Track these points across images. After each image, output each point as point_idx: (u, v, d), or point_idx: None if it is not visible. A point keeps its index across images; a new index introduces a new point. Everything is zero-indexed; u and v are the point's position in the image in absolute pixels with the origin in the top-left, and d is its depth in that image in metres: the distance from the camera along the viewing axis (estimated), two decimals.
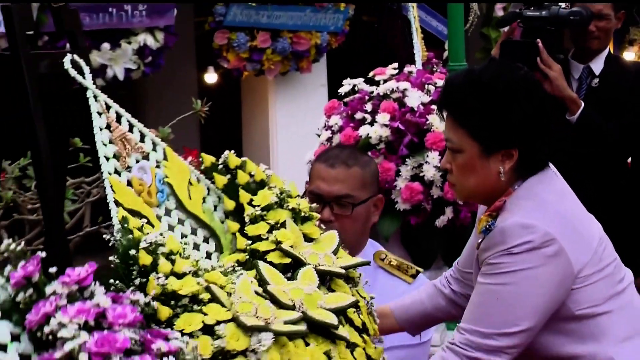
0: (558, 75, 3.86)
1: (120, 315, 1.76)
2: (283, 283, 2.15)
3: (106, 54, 5.40)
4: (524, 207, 2.33)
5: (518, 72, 2.45)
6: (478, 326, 2.30)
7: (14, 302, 1.83)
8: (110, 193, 2.17)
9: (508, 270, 2.28)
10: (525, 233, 2.27)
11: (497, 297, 2.30)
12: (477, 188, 2.39)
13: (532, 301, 2.31)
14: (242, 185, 2.40)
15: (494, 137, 2.31)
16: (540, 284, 2.30)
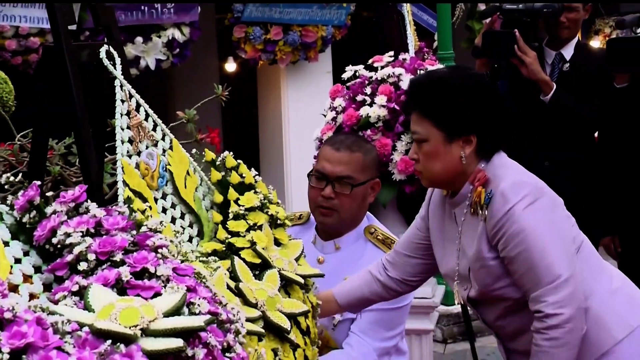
0: (533, 61, 3.86)
1: (114, 222, 1.80)
2: (251, 281, 2.17)
3: (139, 46, 5.40)
4: (507, 173, 2.37)
5: (472, 73, 2.56)
6: (538, 290, 2.28)
7: (20, 223, 1.85)
8: (120, 173, 2.17)
9: (527, 226, 2.28)
10: (520, 188, 2.31)
11: (543, 247, 2.29)
12: (441, 172, 2.40)
13: (560, 244, 2.31)
14: (233, 184, 2.41)
15: (454, 125, 2.36)
16: (556, 231, 2.32)
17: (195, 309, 1.60)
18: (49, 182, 3.41)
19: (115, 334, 1.47)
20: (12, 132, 3.61)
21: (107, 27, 2.61)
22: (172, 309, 1.58)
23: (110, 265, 1.70)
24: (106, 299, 1.57)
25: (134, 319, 1.50)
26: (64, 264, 1.74)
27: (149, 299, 1.61)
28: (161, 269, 1.69)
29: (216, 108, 6.07)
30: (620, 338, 2.37)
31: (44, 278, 1.77)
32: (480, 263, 2.38)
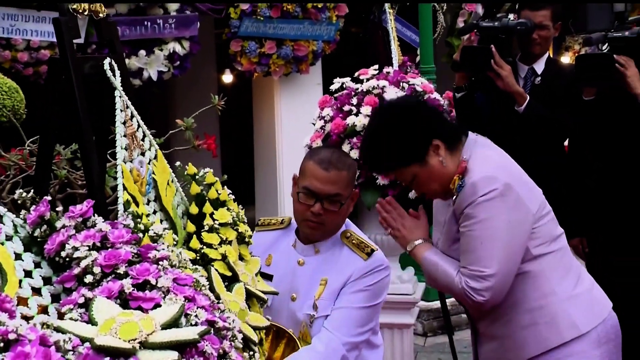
0: (508, 74, 3.87)
1: (119, 236, 1.80)
2: (224, 292, 2.18)
3: (142, 59, 5.38)
4: (482, 165, 2.41)
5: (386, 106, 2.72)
6: (465, 270, 2.39)
7: (32, 237, 1.84)
8: (120, 177, 2.16)
9: (483, 217, 2.34)
10: (490, 183, 2.35)
11: (481, 241, 2.36)
12: (441, 184, 2.47)
13: (504, 244, 2.36)
14: (210, 199, 2.42)
15: (414, 150, 2.45)
16: (509, 228, 2.36)
17: (192, 319, 1.60)
18: (56, 184, 3.39)
19: (114, 349, 1.46)
20: (23, 138, 3.59)
21: (110, 41, 2.59)
22: (171, 320, 1.58)
23: (115, 277, 1.70)
24: (109, 313, 1.57)
25: (133, 332, 1.50)
26: (71, 276, 1.74)
27: (150, 310, 1.61)
28: (162, 280, 1.69)
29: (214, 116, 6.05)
30: (568, 339, 2.39)
31: (53, 289, 1.77)
32: (450, 242, 2.51)
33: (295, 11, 6.11)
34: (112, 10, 5.15)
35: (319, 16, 6.26)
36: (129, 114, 2.32)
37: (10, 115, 3.56)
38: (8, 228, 1.84)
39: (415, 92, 4.36)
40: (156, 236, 1.96)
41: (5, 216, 1.86)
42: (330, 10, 6.32)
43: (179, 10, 5.53)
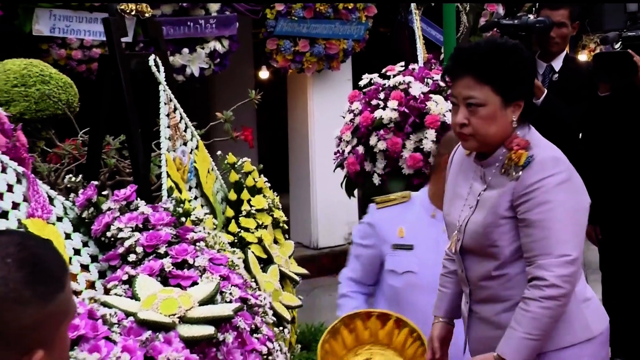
0: None
1: (159, 218, 1.80)
2: (260, 273, 2.18)
3: (185, 56, 5.40)
4: (545, 144, 2.20)
5: (517, 42, 2.31)
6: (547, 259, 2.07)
7: (80, 218, 1.86)
8: (164, 165, 2.17)
9: (562, 199, 2.09)
10: (558, 163, 2.13)
11: (564, 224, 2.09)
12: (495, 135, 2.16)
13: (580, 228, 2.14)
14: (247, 187, 2.42)
15: (513, 90, 2.14)
16: (576, 214, 2.13)
17: (227, 297, 1.60)
18: (106, 172, 3.41)
19: (156, 323, 1.47)
20: (76, 130, 3.62)
21: (155, 39, 2.60)
22: (207, 297, 1.58)
23: (156, 256, 1.71)
24: (150, 289, 1.57)
25: (173, 308, 1.51)
26: (116, 255, 1.76)
27: (188, 287, 1.62)
28: (199, 260, 1.70)
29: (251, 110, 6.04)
30: (580, 340, 2.22)
31: (99, 267, 1.78)
32: (493, 217, 2.17)
33: (327, 12, 6.09)
34: (157, 11, 5.16)
35: (349, 16, 6.24)
36: (172, 107, 2.33)
37: (65, 108, 3.58)
38: (58, 210, 1.86)
39: (439, 87, 4.32)
40: (198, 220, 1.97)
41: (56, 199, 1.87)
42: (360, 11, 6.30)
43: (219, 11, 5.53)
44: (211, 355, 1.49)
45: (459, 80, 2.16)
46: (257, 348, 1.59)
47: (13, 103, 3.49)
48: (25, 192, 1.84)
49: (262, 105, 4.15)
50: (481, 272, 2.24)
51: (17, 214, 1.78)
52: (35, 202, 1.81)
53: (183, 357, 1.42)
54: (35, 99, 3.54)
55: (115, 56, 2.34)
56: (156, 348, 1.41)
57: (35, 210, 1.79)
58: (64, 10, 4.81)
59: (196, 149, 2.40)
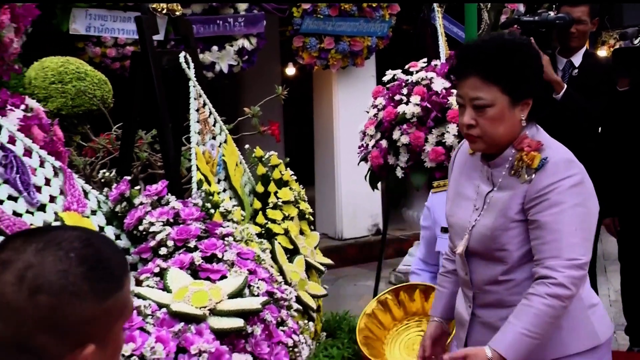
0: (547, 64, 3.74)
1: (189, 213, 1.80)
2: (286, 263, 2.18)
3: (215, 54, 5.40)
4: (557, 146, 2.06)
5: (524, 38, 2.14)
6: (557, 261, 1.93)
7: (113, 212, 1.86)
8: (194, 159, 2.17)
9: (574, 202, 1.94)
10: (572, 166, 1.99)
11: (575, 227, 1.94)
12: (503, 135, 2.01)
13: (590, 232, 1.99)
14: (274, 179, 2.41)
15: (521, 89, 2.00)
16: (588, 219, 1.99)
17: (255, 290, 1.60)
18: (139, 165, 3.42)
19: (188, 315, 1.47)
20: (110, 124, 3.64)
21: (185, 37, 2.59)
22: (236, 291, 1.57)
23: (186, 250, 1.71)
24: (181, 282, 1.57)
25: (204, 300, 1.50)
26: (148, 248, 1.75)
27: (217, 280, 1.61)
28: (227, 254, 1.69)
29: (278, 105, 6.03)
30: (588, 348, 2.06)
31: (131, 259, 1.78)
32: (503, 220, 2.02)
33: (352, 10, 6.06)
34: (188, 10, 5.17)
35: (373, 14, 6.21)
36: (202, 102, 2.32)
37: (99, 104, 3.60)
38: (93, 203, 1.86)
39: None
40: (226, 212, 1.96)
41: (90, 193, 1.87)
42: (383, 9, 6.26)
43: (247, 9, 5.52)
44: (240, 346, 1.48)
45: (465, 80, 2.01)
46: (284, 340, 1.58)
47: (51, 99, 3.52)
48: (62, 185, 1.84)
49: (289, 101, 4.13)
50: (487, 276, 2.09)
51: (55, 207, 1.78)
52: (71, 195, 1.81)
53: (214, 348, 1.41)
54: (71, 95, 3.56)
55: (147, 53, 2.33)
56: (188, 339, 1.41)
57: (71, 203, 1.79)
58: (99, 10, 4.83)
59: (225, 143, 2.39)
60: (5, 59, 2.56)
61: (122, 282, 1.05)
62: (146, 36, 2.34)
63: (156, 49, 2.40)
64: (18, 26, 2.55)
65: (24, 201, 1.72)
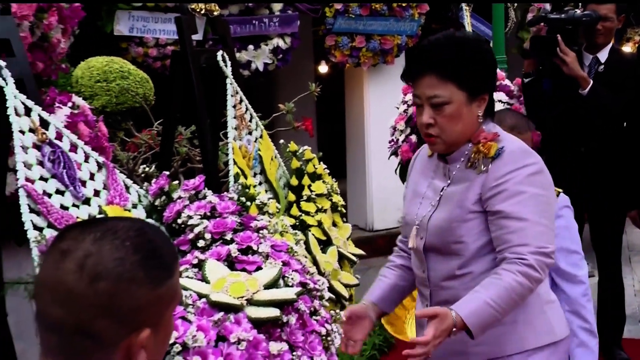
0: (573, 60, 3.68)
1: (225, 207, 1.79)
2: (319, 254, 2.16)
3: (251, 52, 5.39)
4: (513, 138, 1.98)
5: (475, 34, 2.06)
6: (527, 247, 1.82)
7: (153, 206, 1.86)
8: (231, 153, 2.16)
9: (535, 192, 1.85)
10: (529, 155, 1.91)
11: (539, 216, 1.84)
12: (462, 133, 1.93)
13: (550, 224, 1.89)
14: (308, 173, 2.39)
15: (477, 85, 1.92)
16: (548, 208, 1.89)
17: (289, 281, 1.58)
18: (179, 160, 3.43)
19: (227, 305, 1.46)
20: (152, 121, 3.65)
21: (223, 37, 2.58)
22: (271, 282, 1.57)
23: (222, 242, 1.70)
24: (219, 273, 1.57)
25: (241, 291, 1.50)
26: (186, 240, 1.75)
27: (252, 272, 1.60)
28: (262, 246, 1.68)
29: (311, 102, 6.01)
30: (545, 343, 1.96)
31: None
32: (459, 211, 1.92)
33: (383, 9, 6.01)
34: (225, 11, 5.17)
35: (403, 14, 6.15)
36: (239, 98, 2.31)
37: (142, 101, 3.62)
38: (134, 197, 1.86)
39: None
40: (262, 204, 1.95)
41: (131, 187, 1.87)
42: (413, 8, 6.20)
43: (282, 10, 5.51)
44: (276, 335, 1.47)
45: (420, 80, 1.93)
46: (317, 329, 1.57)
47: (96, 97, 3.54)
48: (105, 180, 1.84)
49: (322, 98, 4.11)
50: (444, 271, 1.98)
51: (98, 201, 1.78)
52: (113, 190, 1.82)
53: (252, 336, 1.41)
54: (115, 93, 3.58)
55: (186, 53, 2.33)
56: (227, 328, 1.40)
57: (114, 197, 1.80)
58: (141, 11, 4.86)
59: (260, 138, 2.38)
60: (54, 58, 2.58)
61: (173, 270, 1.06)
62: (185, 36, 2.34)
63: (195, 48, 2.39)
64: (65, 27, 2.57)
65: (70, 195, 1.72)
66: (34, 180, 1.66)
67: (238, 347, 1.38)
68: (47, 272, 1.01)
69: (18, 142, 1.68)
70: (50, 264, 1.01)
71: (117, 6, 4.75)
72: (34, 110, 1.76)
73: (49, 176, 1.71)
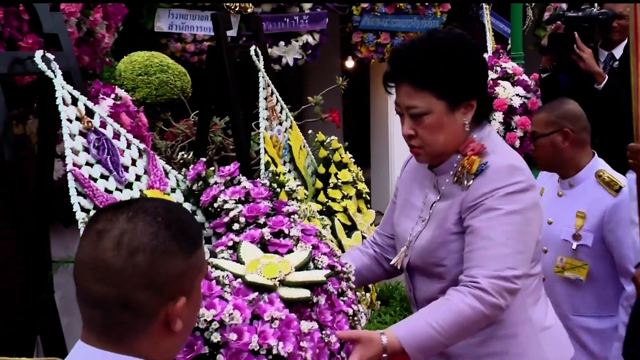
0: (589, 57, 3.61)
1: (258, 192, 1.78)
2: (344, 238, 2.14)
3: (282, 48, 5.37)
4: (505, 151, 1.70)
5: (459, 33, 1.71)
6: (485, 271, 1.56)
7: (190, 190, 1.85)
8: (262, 142, 2.15)
9: (509, 210, 1.59)
10: (516, 173, 1.62)
11: (508, 237, 1.58)
12: (445, 144, 1.68)
13: (527, 244, 1.62)
14: (335, 162, 2.38)
15: (458, 93, 1.65)
16: (526, 229, 1.62)
17: (318, 263, 1.57)
18: (213, 148, 3.44)
19: (261, 285, 1.46)
20: (188, 112, 3.66)
21: (256, 33, 2.57)
22: (302, 264, 1.55)
23: (256, 226, 1.69)
24: (253, 255, 1.56)
25: (274, 272, 1.49)
26: (222, 223, 1.75)
27: (284, 254, 1.59)
28: (293, 230, 1.67)
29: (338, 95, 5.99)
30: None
31: (205, 233, 1.78)
32: (439, 231, 1.68)
33: (407, 8, 5.96)
34: (258, 9, 5.15)
35: (426, 12, 6.09)
36: (270, 91, 2.30)
37: (180, 94, 3.63)
38: (172, 182, 1.86)
39: (507, 74, 4.15)
40: (291, 191, 1.94)
41: (170, 172, 1.87)
42: (435, 7, 6.14)
43: (311, 8, 5.48)
44: (306, 314, 1.46)
45: (399, 88, 1.67)
46: (344, 309, 1.55)
47: (137, 89, 3.56)
48: (146, 165, 1.84)
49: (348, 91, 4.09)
50: (428, 293, 1.73)
51: (140, 185, 1.79)
52: (154, 175, 1.82)
53: (284, 315, 1.40)
54: (155, 86, 3.60)
55: (221, 47, 2.32)
56: (261, 307, 1.40)
57: (154, 182, 1.80)
58: (180, 9, 4.86)
59: (290, 128, 2.37)
60: (98, 53, 2.59)
61: (199, 242, 1.08)
62: (221, 32, 2.33)
63: (230, 43, 2.38)
64: (109, 24, 2.57)
65: (113, 179, 1.73)
66: (80, 165, 1.67)
67: (271, 325, 1.38)
68: (85, 252, 1.01)
69: (66, 130, 1.69)
70: (87, 244, 1.02)
71: (158, 4, 4.77)
72: (80, 100, 1.76)
73: (94, 162, 1.71)
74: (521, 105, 4.05)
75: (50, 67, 1.76)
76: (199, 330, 1.35)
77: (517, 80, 4.14)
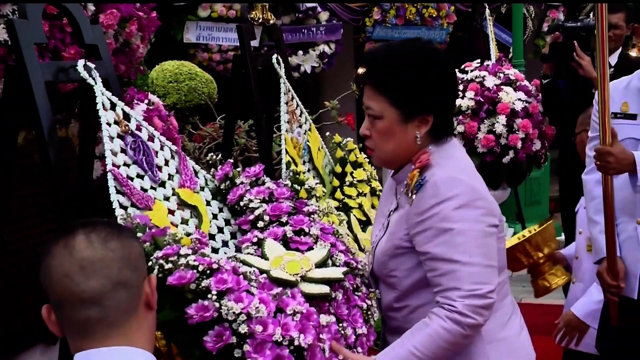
0: (588, 64, 3.57)
1: (281, 193, 1.76)
2: (360, 232, 2.13)
3: (300, 57, 5.37)
4: (449, 164, 1.54)
5: (431, 46, 1.59)
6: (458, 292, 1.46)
7: (218, 189, 1.84)
8: (283, 144, 2.14)
9: (460, 228, 1.47)
10: (455, 185, 1.49)
11: (470, 254, 1.47)
12: (394, 152, 1.58)
13: (487, 259, 1.49)
14: (350, 161, 2.36)
15: (413, 104, 1.53)
16: (485, 240, 1.50)
17: (336, 261, 1.55)
18: (237, 150, 3.43)
19: (284, 281, 1.45)
20: (215, 116, 3.66)
21: (277, 42, 2.55)
22: (321, 261, 1.54)
23: (278, 224, 1.68)
24: (276, 251, 1.55)
25: (296, 268, 1.47)
26: (247, 221, 1.74)
27: (305, 251, 1.58)
28: (313, 229, 1.65)
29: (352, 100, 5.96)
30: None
31: (231, 229, 1.77)
32: (390, 244, 1.58)
33: (416, 19, 5.94)
34: (278, 21, 5.14)
35: (433, 23, 6.06)
36: (290, 96, 2.28)
37: (207, 99, 3.63)
38: (201, 181, 1.85)
39: (509, 80, 4.12)
40: (310, 189, 1.92)
41: (200, 172, 1.86)
42: (442, 18, 6.11)
43: (327, 20, 5.47)
44: (324, 308, 1.45)
45: (364, 87, 1.59)
46: (359, 304, 1.54)
47: (168, 95, 3.56)
48: (178, 166, 1.83)
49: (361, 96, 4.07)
50: (387, 301, 1.64)
51: (172, 184, 1.78)
52: (185, 174, 1.81)
53: (305, 309, 1.39)
54: (184, 92, 3.60)
55: (245, 56, 2.31)
56: (284, 301, 1.39)
57: (185, 181, 1.79)
58: (207, 22, 4.87)
59: (309, 131, 2.36)
60: (133, 62, 2.58)
61: None
62: (245, 42, 2.31)
63: (253, 52, 2.37)
64: (144, 35, 2.57)
65: (148, 179, 1.72)
66: (119, 165, 1.66)
67: (293, 318, 1.37)
68: (65, 264, 1.02)
69: (106, 133, 1.68)
70: (61, 258, 1.03)
71: (187, 17, 4.77)
72: (118, 105, 1.76)
73: (131, 162, 1.71)
74: (523, 109, 4.02)
75: (91, 75, 1.75)
76: (227, 321, 1.35)
77: (519, 85, 4.11)
